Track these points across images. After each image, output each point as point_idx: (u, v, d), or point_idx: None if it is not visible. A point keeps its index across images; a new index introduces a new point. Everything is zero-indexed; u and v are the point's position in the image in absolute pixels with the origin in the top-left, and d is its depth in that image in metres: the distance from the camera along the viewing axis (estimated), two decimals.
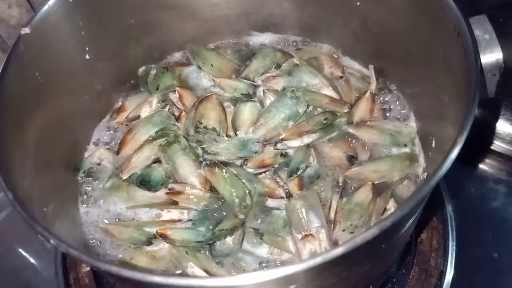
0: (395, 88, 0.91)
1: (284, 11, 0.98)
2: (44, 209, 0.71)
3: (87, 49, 0.87)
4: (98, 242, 0.81)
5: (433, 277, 0.86)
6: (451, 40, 0.66)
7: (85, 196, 0.86)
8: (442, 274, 0.86)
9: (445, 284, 0.86)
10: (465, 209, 0.95)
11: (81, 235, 0.82)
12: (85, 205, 0.85)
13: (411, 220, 0.66)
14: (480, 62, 0.61)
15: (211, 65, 0.96)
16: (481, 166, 1.04)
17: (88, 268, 0.94)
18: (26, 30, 0.75)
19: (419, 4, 0.73)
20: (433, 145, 0.76)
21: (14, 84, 0.73)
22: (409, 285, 0.85)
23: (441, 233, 0.89)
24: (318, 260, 0.48)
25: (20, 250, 1.02)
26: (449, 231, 0.90)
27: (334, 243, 0.76)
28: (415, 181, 0.82)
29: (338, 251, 0.48)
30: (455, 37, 0.66)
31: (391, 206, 0.78)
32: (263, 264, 0.77)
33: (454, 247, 0.88)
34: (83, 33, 0.85)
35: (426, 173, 0.79)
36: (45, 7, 0.79)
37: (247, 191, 0.80)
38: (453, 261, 0.87)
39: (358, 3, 0.88)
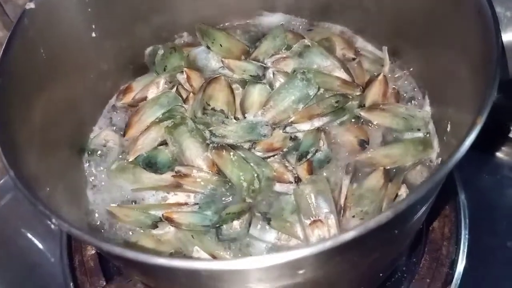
0: (409, 70, 0.89)
1: None
2: (48, 190, 0.70)
3: (94, 26, 0.85)
4: (103, 225, 0.80)
5: (444, 266, 0.83)
6: (471, 18, 0.63)
7: (90, 178, 0.85)
8: (453, 263, 0.84)
9: (456, 273, 0.84)
10: (479, 198, 0.92)
11: (86, 217, 0.81)
12: (90, 187, 0.84)
13: (425, 206, 0.63)
14: (502, 41, 0.58)
15: (220, 45, 0.94)
16: (498, 154, 1.01)
17: (93, 251, 0.93)
18: (30, 5, 0.73)
19: None
20: (449, 129, 0.74)
21: (19, 59, 0.71)
22: (419, 273, 0.83)
23: (453, 221, 0.86)
24: (328, 244, 0.46)
25: (26, 232, 1.02)
26: (461, 219, 0.87)
27: (343, 229, 0.74)
28: (429, 166, 0.80)
29: (350, 234, 0.46)
30: (475, 14, 0.63)
31: (403, 192, 0.75)
32: (272, 249, 0.75)
33: (467, 236, 0.85)
34: (89, 9, 0.83)
35: (440, 159, 0.76)
36: None
37: (256, 175, 0.78)
38: (465, 250, 0.85)
39: None
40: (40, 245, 1.01)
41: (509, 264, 0.90)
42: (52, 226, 0.55)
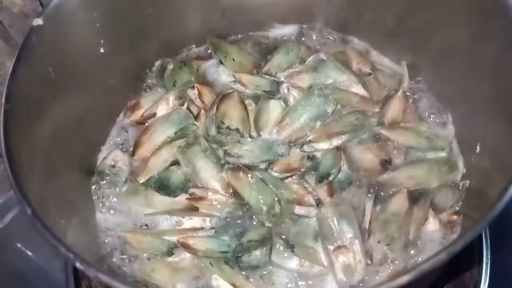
0: (428, 86, 0.86)
1: (309, 1, 0.92)
2: (58, 217, 0.66)
3: (102, 42, 0.81)
4: (115, 252, 0.76)
5: None
6: (505, 41, 0.61)
7: (100, 202, 0.80)
8: (477, 285, 0.82)
9: None
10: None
11: (97, 244, 0.77)
12: (101, 211, 0.80)
13: None
14: None
15: (233, 59, 0.90)
16: None
17: None
18: (38, 21, 0.69)
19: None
20: (478, 150, 0.71)
21: (26, 82, 0.68)
22: None
23: (475, 242, 0.84)
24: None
25: (29, 253, 0.96)
26: (483, 239, 0.85)
27: (368, 255, 0.72)
28: (452, 187, 0.78)
29: (404, 279, 0.43)
30: (510, 38, 0.60)
31: (430, 216, 0.73)
32: (294, 277, 0.72)
33: (489, 256, 0.83)
34: (97, 24, 0.79)
35: (467, 181, 0.74)
36: None
37: (276, 199, 0.75)
38: (488, 271, 0.83)
39: None
40: (44, 267, 0.95)
41: None
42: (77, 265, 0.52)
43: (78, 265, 0.51)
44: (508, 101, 0.63)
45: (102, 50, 0.82)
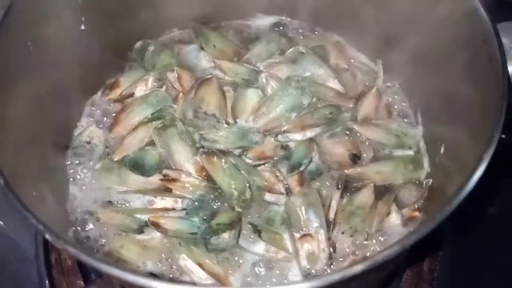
0: (402, 86, 0.89)
1: None
2: (31, 189, 0.66)
3: (83, 19, 0.81)
4: (86, 226, 0.77)
5: (425, 282, 0.85)
6: (476, 46, 0.64)
7: (73, 177, 0.81)
8: (434, 280, 0.85)
9: None
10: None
11: (67, 218, 0.78)
12: (74, 186, 0.81)
13: None
14: (508, 71, 0.59)
15: (214, 46, 0.91)
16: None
17: None
18: None
19: (446, 5, 0.70)
20: (442, 151, 0.75)
21: (2, 50, 0.67)
22: None
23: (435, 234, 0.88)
24: (336, 277, 0.45)
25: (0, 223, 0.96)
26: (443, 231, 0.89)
27: (332, 245, 0.75)
28: (416, 185, 0.81)
29: (358, 268, 0.46)
30: (481, 43, 0.63)
31: (393, 211, 0.76)
32: (260, 261, 0.75)
33: (448, 252, 0.87)
34: (79, 1, 0.79)
35: (431, 180, 0.77)
36: None
37: (247, 185, 0.77)
38: (446, 261, 0.86)
39: None
40: (14, 238, 0.95)
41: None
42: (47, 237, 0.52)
43: (47, 236, 0.52)
44: (471, 108, 0.66)
45: (83, 27, 0.82)
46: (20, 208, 0.55)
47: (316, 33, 0.97)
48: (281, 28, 0.99)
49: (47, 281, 0.87)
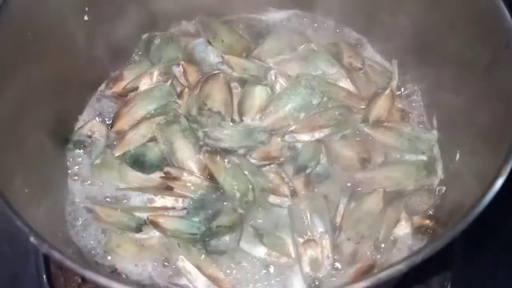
0: (417, 88, 0.85)
1: None
2: (23, 185, 0.64)
3: (87, 9, 0.79)
4: (83, 224, 0.75)
5: None
6: (498, 51, 0.60)
7: (72, 171, 0.79)
8: None
9: None
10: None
11: (64, 215, 0.76)
12: (72, 181, 0.79)
13: None
14: None
15: (222, 40, 0.88)
16: None
17: None
18: None
19: (469, 7, 0.66)
20: (457, 157, 0.71)
21: (1, 39, 0.65)
22: None
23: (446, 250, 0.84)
24: None
25: None
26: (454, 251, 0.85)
27: (337, 251, 0.71)
28: (428, 191, 0.77)
29: (360, 286, 0.42)
30: (503, 48, 0.59)
31: (403, 218, 0.72)
32: (261, 265, 0.72)
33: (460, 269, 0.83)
34: None
35: (444, 187, 0.73)
36: None
37: (251, 186, 0.74)
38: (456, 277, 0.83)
39: None
40: (12, 231, 0.93)
41: None
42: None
43: (32, 240, 0.49)
44: (491, 115, 0.62)
45: (86, 18, 0.79)
46: (6, 209, 0.52)
47: (330, 29, 0.93)
48: (294, 23, 0.95)
49: (44, 276, 0.85)
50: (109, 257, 0.73)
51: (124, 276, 0.71)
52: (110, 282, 0.44)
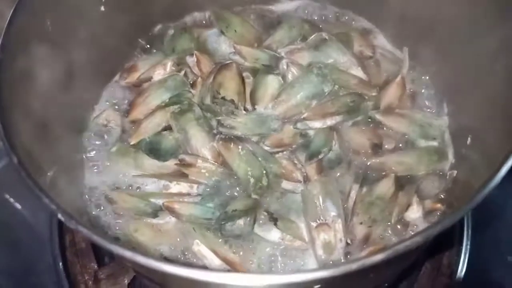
0: (428, 75, 0.86)
1: None
2: (46, 169, 0.66)
3: (103, 0, 0.80)
4: (100, 208, 0.77)
5: (444, 275, 0.82)
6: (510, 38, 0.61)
7: (89, 159, 0.81)
8: (453, 273, 0.83)
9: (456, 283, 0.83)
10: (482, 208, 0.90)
11: (82, 200, 0.77)
12: (89, 169, 0.80)
13: None
14: None
15: (235, 30, 0.89)
16: None
17: None
18: None
19: None
20: (468, 142, 0.72)
21: (22, 34, 0.67)
22: (419, 282, 0.82)
23: (456, 227, 0.85)
24: (354, 266, 0.43)
25: (16, 205, 0.96)
26: (464, 230, 0.86)
27: (349, 235, 0.73)
28: (439, 176, 0.78)
29: (377, 258, 0.43)
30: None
31: (414, 202, 0.73)
32: (275, 249, 0.73)
33: (468, 247, 0.84)
34: None
35: (455, 171, 0.74)
36: None
37: (264, 172, 0.75)
38: (466, 261, 0.84)
39: None
40: (29, 219, 0.96)
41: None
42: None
43: (59, 216, 0.51)
44: (502, 99, 0.63)
45: (102, 8, 0.81)
46: (33, 187, 0.55)
47: (341, 18, 0.94)
48: (305, 13, 0.96)
49: (60, 263, 0.87)
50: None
51: None
52: (135, 255, 0.46)
